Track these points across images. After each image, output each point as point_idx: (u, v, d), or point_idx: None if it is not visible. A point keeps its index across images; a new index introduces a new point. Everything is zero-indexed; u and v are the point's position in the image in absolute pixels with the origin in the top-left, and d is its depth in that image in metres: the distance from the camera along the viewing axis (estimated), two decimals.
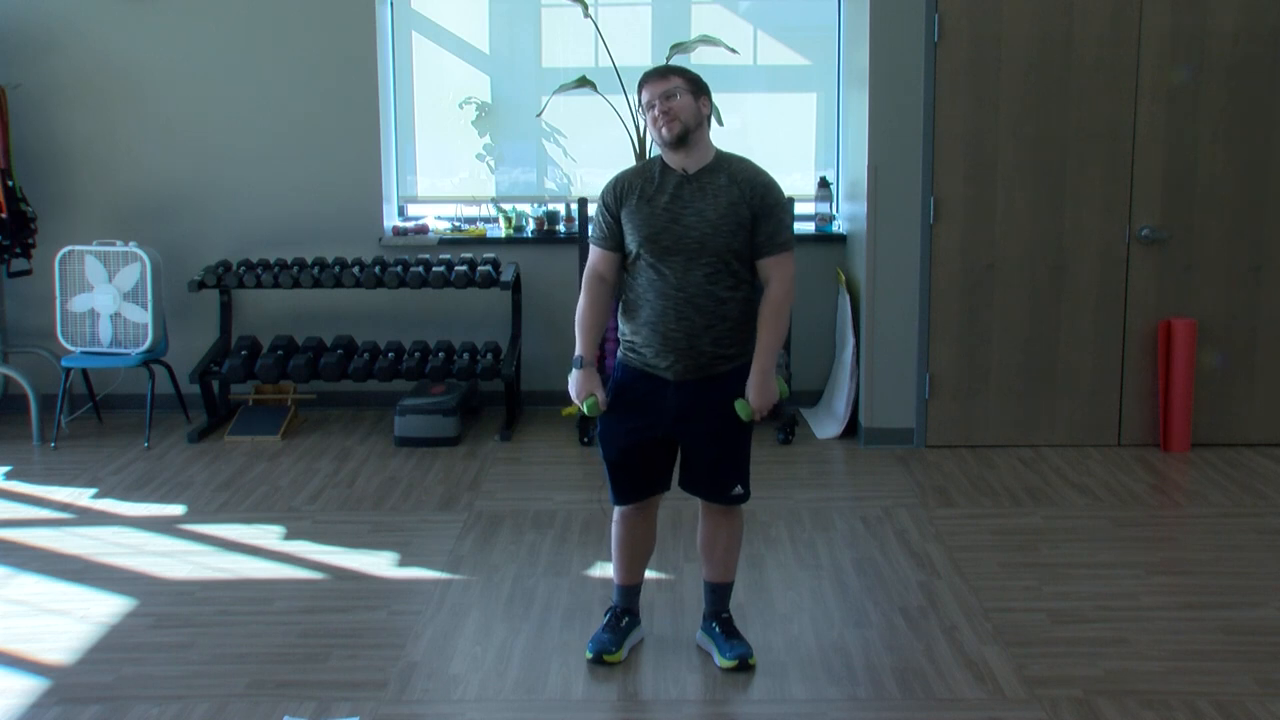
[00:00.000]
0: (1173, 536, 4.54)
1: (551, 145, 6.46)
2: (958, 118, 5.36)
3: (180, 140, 6.23)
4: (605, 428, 3.44)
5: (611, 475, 3.47)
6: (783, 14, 6.42)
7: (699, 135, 3.30)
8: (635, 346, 3.37)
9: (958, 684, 3.37)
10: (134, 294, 5.84)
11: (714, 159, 3.34)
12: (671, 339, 3.28)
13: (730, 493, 3.43)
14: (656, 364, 3.32)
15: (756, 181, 3.31)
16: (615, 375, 3.44)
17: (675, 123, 3.25)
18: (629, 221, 3.31)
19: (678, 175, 3.31)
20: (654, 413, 3.35)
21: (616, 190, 3.36)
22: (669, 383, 3.33)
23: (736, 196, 3.27)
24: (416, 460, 5.51)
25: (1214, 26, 5.28)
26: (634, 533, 3.55)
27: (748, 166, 3.36)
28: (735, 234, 3.26)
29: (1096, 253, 5.43)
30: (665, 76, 3.29)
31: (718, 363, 3.32)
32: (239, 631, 3.75)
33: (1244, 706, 3.22)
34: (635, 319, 3.35)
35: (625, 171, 3.42)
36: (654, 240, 3.27)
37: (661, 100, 3.25)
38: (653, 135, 3.31)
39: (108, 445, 5.78)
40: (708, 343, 3.29)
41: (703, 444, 3.38)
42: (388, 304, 6.29)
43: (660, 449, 3.42)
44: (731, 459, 3.41)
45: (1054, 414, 5.54)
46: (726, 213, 3.26)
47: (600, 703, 3.32)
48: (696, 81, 3.32)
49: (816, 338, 6.22)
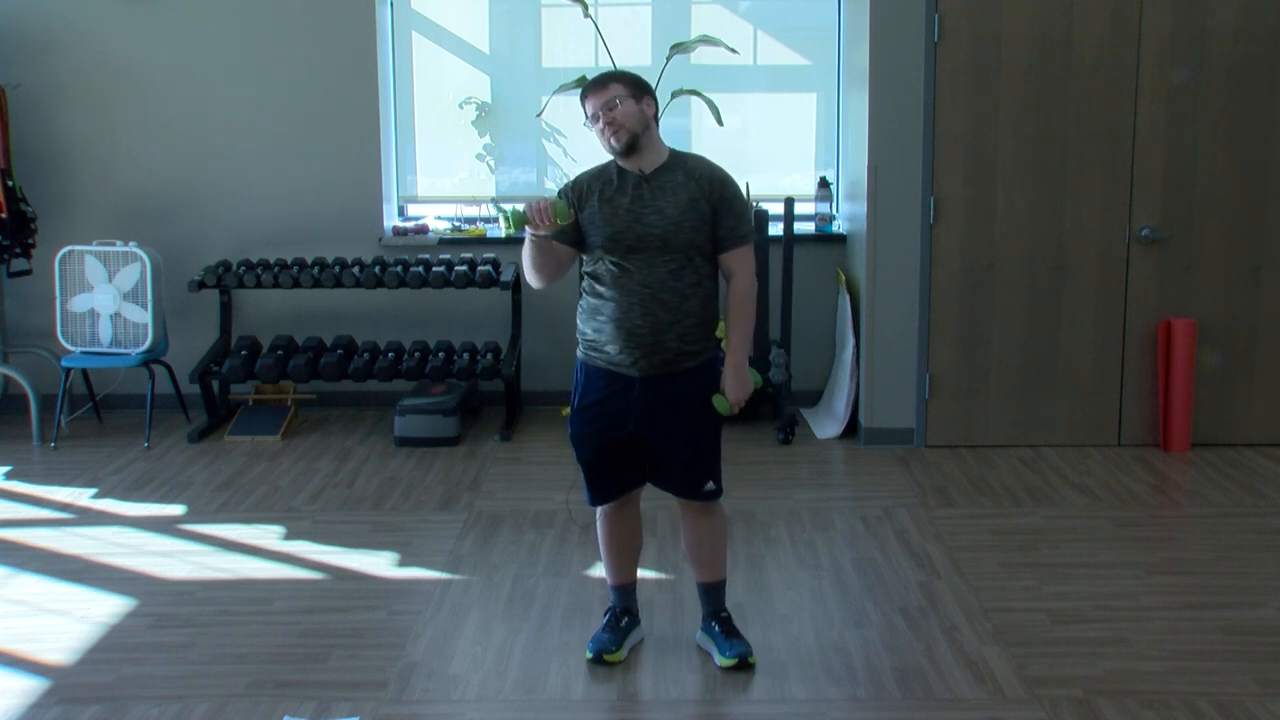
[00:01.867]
0: (1173, 536, 4.54)
1: (551, 145, 6.46)
2: (958, 118, 5.36)
3: (180, 140, 6.23)
4: (576, 430, 3.45)
5: (587, 476, 3.49)
6: (783, 14, 6.42)
7: (648, 138, 3.31)
8: (598, 345, 3.37)
9: (958, 684, 3.37)
10: (134, 294, 5.84)
11: (669, 157, 3.35)
12: (636, 335, 3.28)
13: (703, 489, 3.43)
14: (621, 361, 3.33)
15: (714, 177, 3.33)
16: (578, 378, 3.45)
17: (622, 131, 3.26)
18: (590, 223, 3.32)
19: (635, 176, 3.32)
20: (620, 412, 3.36)
21: (576, 192, 3.37)
22: (634, 380, 3.33)
23: (696, 192, 3.29)
24: (416, 460, 5.51)
25: (1214, 26, 5.28)
26: (620, 530, 3.56)
27: (703, 163, 3.38)
28: (697, 229, 3.29)
29: (1096, 253, 5.43)
30: (604, 85, 3.28)
31: (683, 359, 3.33)
32: (239, 631, 3.75)
33: (1244, 706, 3.22)
34: (598, 317, 3.35)
35: (582, 175, 3.43)
36: (616, 239, 3.28)
37: (605, 111, 3.25)
38: (602, 146, 3.32)
39: (108, 445, 5.78)
40: (673, 338, 3.29)
41: (671, 441, 3.39)
42: (388, 304, 6.29)
43: (631, 448, 3.43)
44: (701, 455, 3.42)
45: (1054, 414, 5.54)
46: (687, 209, 3.27)
47: (600, 703, 3.32)
48: (637, 83, 3.32)
49: (816, 338, 6.22)
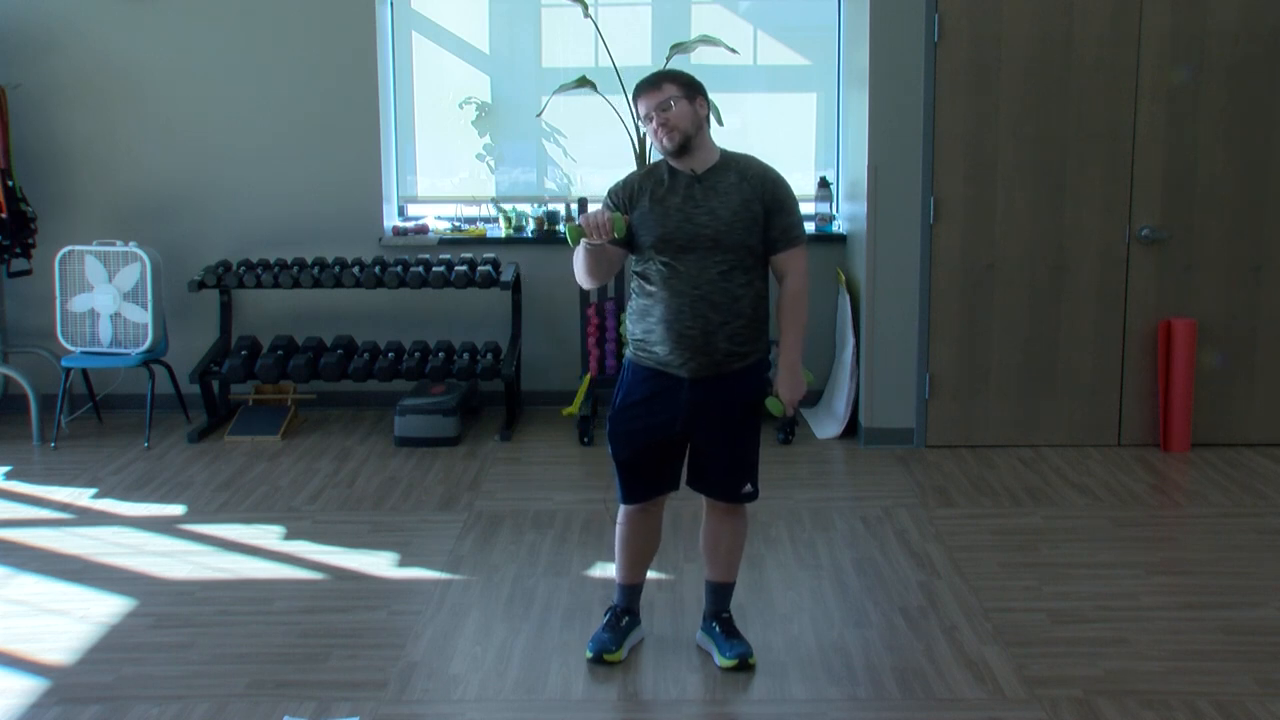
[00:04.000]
0: (1173, 536, 4.54)
1: (551, 145, 6.46)
2: (958, 118, 5.36)
3: (180, 140, 6.23)
4: (616, 428, 3.43)
5: (621, 475, 3.47)
6: (783, 14, 6.42)
7: (700, 138, 3.30)
8: (647, 345, 3.36)
9: (958, 684, 3.37)
10: (134, 294, 5.84)
11: (720, 158, 3.34)
12: (687, 336, 3.27)
13: (741, 491, 3.43)
14: (670, 362, 3.32)
15: (766, 178, 3.33)
16: (624, 376, 3.44)
17: (675, 132, 3.25)
18: (642, 223, 3.31)
19: (687, 176, 3.31)
20: (667, 412, 3.35)
21: (627, 191, 3.35)
22: (682, 381, 3.32)
23: (749, 193, 3.28)
24: (416, 460, 5.51)
25: (1214, 26, 5.28)
26: (640, 532, 3.55)
27: (755, 163, 3.37)
28: (750, 230, 3.28)
29: (1096, 253, 5.43)
30: (659, 86, 3.28)
31: (731, 360, 3.32)
32: (239, 631, 3.75)
33: (1244, 706, 3.22)
34: (648, 318, 3.34)
35: (633, 174, 3.42)
36: (668, 240, 3.27)
37: (658, 112, 3.25)
38: (655, 145, 3.31)
39: (108, 445, 5.78)
40: (723, 339, 3.28)
41: (716, 443, 3.38)
42: (388, 304, 6.29)
43: (671, 449, 3.42)
44: (744, 458, 3.42)
45: (1054, 414, 5.54)
46: (740, 210, 3.27)
47: (600, 703, 3.32)
48: (690, 84, 3.31)
49: (816, 338, 6.20)
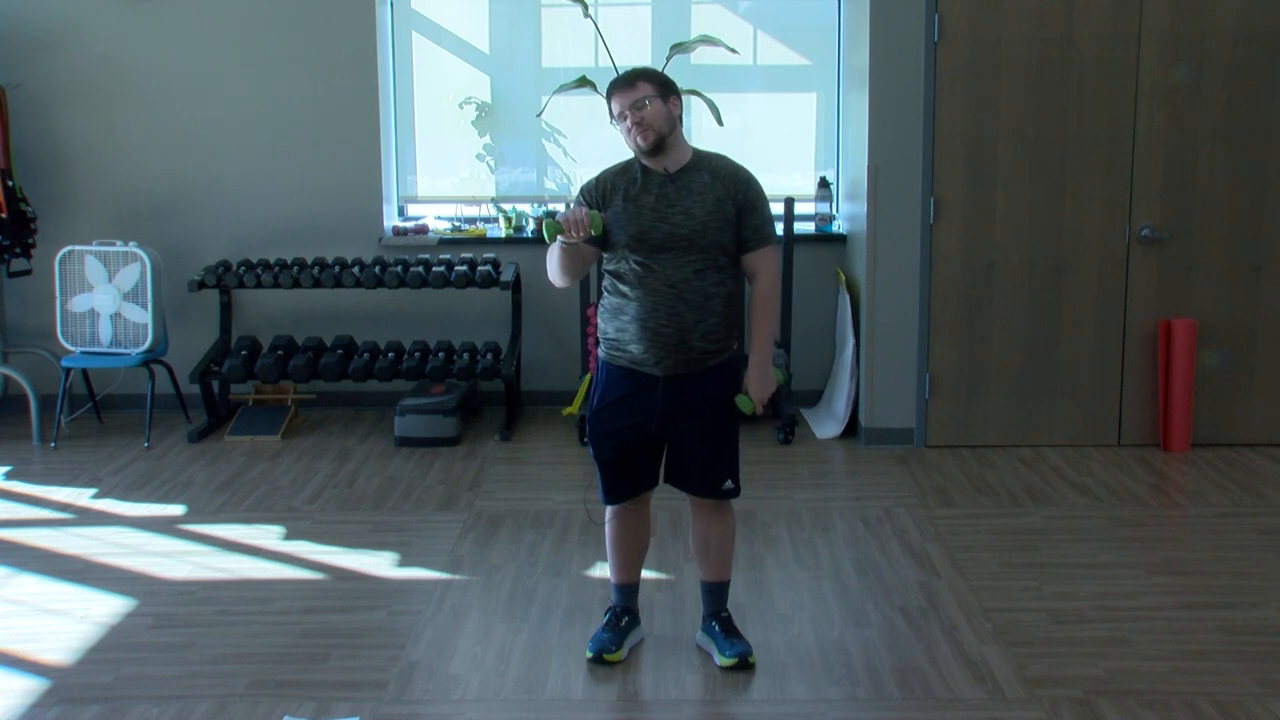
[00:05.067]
0: (1173, 536, 4.54)
1: (551, 145, 6.46)
2: (958, 118, 5.36)
3: (180, 140, 6.22)
4: (596, 428, 3.45)
5: (604, 475, 3.48)
6: (783, 14, 6.42)
7: (674, 138, 3.31)
8: (620, 345, 3.36)
9: (958, 684, 3.37)
10: (134, 294, 5.84)
11: (693, 157, 3.35)
12: (662, 334, 3.29)
13: (721, 487, 3.44)
14: (644, 360, 3.33)
15: (738, 177, 3.35)
16: (599, 377, 3.45)
17: (649, 131, 3.26)
18: (615, 221, 3.31)
19: (660, 175, 3.32)
20: (642, 411, 3.36)
21: (599, 189, 3.36)
22: (657, 379, 3.33)
23: (721, 193, 3.30)
24: (416, 460, 5.51)
25: (1214, 26, 5.28)
26: (629, 531, 3.55)
27: (727, 163, 3.39)
28: (723, 230, 3.29)
29: (1096, 253, 5.43)
30: (633, 84, 3.28)
31: (705, 357, 3.33)
32: (239, 631, 3.75)
33: (1244, 706, 3.22)
34: (621, 316, 3.34)
35: (605, 172, 3.42)
36: (643, 239, 3.28)
37: (633, 111, 3.25)
38: (628, 145, 3.32)
39: (108, 445, 5.78)
40: (697, 337, 3.30)
41: (693, 440, 3.39)
42: (388, 304, 6.29)
43: (649, 446, 3.43)
44: (721, 453, 3.43)
45: (1054, 414, 5.54)
46: (714, 209, 3.28)
47: (600, 703, 3.32)
48: (664, 83, 3.32)
49: (816, 338, 6.22)
